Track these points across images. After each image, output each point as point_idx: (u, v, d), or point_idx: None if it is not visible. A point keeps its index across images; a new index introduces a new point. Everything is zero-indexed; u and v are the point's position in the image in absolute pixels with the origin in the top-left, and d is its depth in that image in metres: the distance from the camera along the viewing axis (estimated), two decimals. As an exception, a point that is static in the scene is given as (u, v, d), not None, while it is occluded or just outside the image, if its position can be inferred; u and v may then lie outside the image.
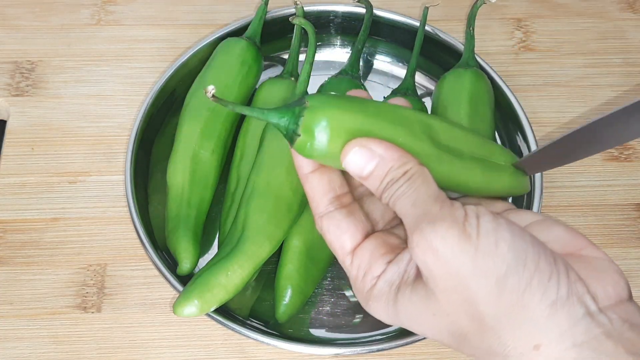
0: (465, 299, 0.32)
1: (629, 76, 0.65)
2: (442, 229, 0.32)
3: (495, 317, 0.32)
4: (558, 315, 0.32)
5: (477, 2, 0.61)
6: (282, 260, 0.51)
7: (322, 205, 0.37)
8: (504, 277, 0.32)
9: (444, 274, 0.32)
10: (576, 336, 0.31)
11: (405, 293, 0.35)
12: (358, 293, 0.37)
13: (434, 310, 0.33)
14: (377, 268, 0.36)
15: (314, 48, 0.54)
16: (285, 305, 0.50)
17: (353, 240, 0.37)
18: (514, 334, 0.32)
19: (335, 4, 0.63)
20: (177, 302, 0.46)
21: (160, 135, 0.59)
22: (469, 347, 0.33)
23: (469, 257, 0.32)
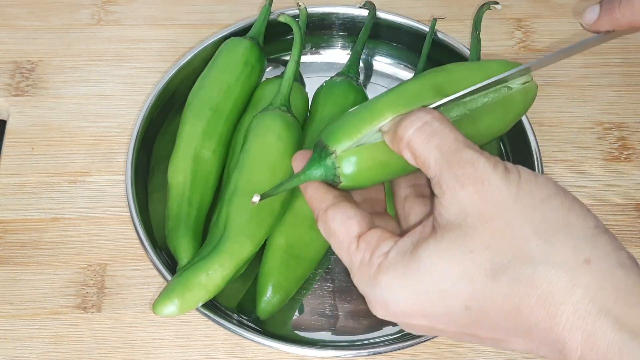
0: (511, 222, 0.32)
1: (629, 76, 0.65)
2: (492, 162, 0.33)
3: (541, 235, 0.32)
4: (602, 237, 0.32)
5: (483, 7, 0.61)
6: (265, 258, 0.51)
7: (326, 199, 0.37)
8: (548, 197, 0.33)
9: (490, 204, 0.32)
10: (621, 258, 0.32)
11: (429, 244, 0.33)
12: (362, 277, 0.35)
13: (471, 246, 0.32)
14: (386, 245, 0.35)
15: (299, 46, 0.54)
16: (265, 302, 0.50)
17: (359, 227, 0.36)
18: (563, 250, 0.32)
19: (338, 6, 0.63)
20: (157, 301, 0.46)
21: (162, 134, 0.59)
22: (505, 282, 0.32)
23: (514, 184, 0.33)
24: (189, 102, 0.56)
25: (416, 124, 0.35)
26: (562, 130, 0.62)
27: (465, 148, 0.33)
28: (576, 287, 0.31)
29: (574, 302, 0.31)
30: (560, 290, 0.31)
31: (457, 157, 0.33)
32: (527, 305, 0.32)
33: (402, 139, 0.35)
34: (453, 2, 0.68)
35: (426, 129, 0.34)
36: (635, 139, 0.62)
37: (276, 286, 0.50)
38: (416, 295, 0.33)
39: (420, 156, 0.34)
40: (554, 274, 0.31)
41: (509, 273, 0.32)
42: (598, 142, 0.62)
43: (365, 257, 0.35)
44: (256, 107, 0.57)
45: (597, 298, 0.31)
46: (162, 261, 0.50)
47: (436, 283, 0.32)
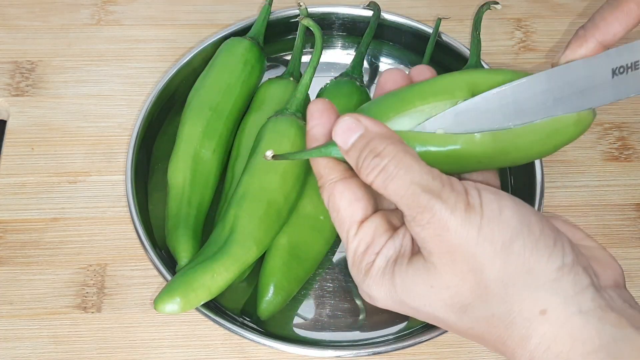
0: (471, 268, 0.32)
1: (629, 76, 0.65)
2: (451, 204, 0.32)
3: (501, 282, 0.32)
4: (564, 280, 0.32)
5: (483, 7, 0.61)
6: (267, 257, 0.51)
7: (337, 171, 0.37)
8: (510, 241, 0.32)
9: (450, 247, 0.32)
10: (582, 303, 0.32)
11: (402, 266, 0.34)
12: (354, 267, 0.36)
13: (432, 282, 0.33)
14: (378, 243, 0.35)
15: (319, 52, 0.54)
16: (267, 302, 0.50)
17: (364, 211, 0.36)
18: (520, 299, 0.32)
19: (339, 6, 0.63)
20: (159, 297, 0.46)
21: (162, 134, 0.59)
22: (468, 319, 0.33)
23: (475, 227, 0.32)
24: (188, 102, 0.56)
25: (375, 172, 0.34)
26: (562, 130, 0.62)
27: (421, 193, 0.32)
28: (531, 337, 0.32)
29: (529, 350, 0.32)
30: (517, 336, 0.32)
31: (414, 203, 0.33)
32: (489, 339, 0.33)
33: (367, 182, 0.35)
34: (453, 2, 0.68)
35: (382, 176, 0.34)
36: (635, 139, 0.62)
37: (278, 286, 0.50)
38: (395, 303, 0.35)
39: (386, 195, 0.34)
40: (511, 321, 0.32)
41: (468, 312, 0.33)
42: (598, 142, 0.62)
43: (360, 248, 0.36)
44: (261, 107, 0.57)
45: (552, 348, 0.32)
46: (162, 261, 0.50)
47: (407, 300, 0.35)
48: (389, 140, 0.34)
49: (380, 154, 0.34)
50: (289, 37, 0.63)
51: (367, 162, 0.34)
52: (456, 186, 0.33)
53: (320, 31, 0.53)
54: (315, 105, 0.38)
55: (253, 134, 0.54)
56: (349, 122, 0.35)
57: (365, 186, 0.36)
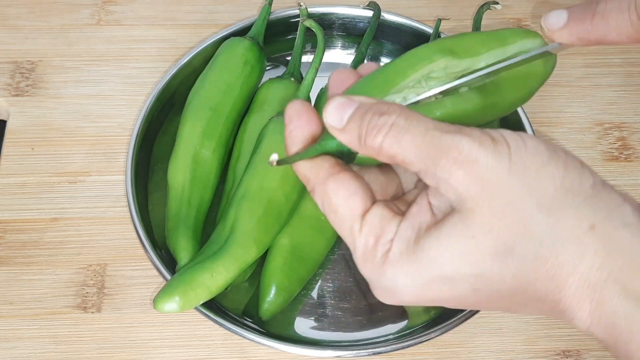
0: (510, 201, 0.31)
1: (629, 76, 0.65)
2: (477, 136, 0.31)
3: (543, 208, 0.31)
4: (602, 196, 0.31)
5: (483, 7, 0.61)
6: (268, 258, 0.51)
7: (323, 170, 0.34)
8: (542, 165, 0.31)
9: (485, 182, 0.31)
10: (625, 216, 0.31)
11: (431, 234, 0.32)
12: (367, 264, 0.33)
13: (473, 231, 0.31)
14: (389, 231, 0.33)
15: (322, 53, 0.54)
16: (268, 302, 0.50)
17: (363, 204, 0.34)
18: (566, 220, 0.31)
19: (339, 6, 0.63)
20: (159, 296, 0.46)
21: (162, 134, 0.59)
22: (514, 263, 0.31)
23: (506, 156, 0.31)
24: (188, 102, 0.56)
25: (383, 131, 0.32)
26: (562, 130, 0.62)
27: (442, 134, 0.31)
28: (583, 256, 0.31)
29: (581, 272, 0.31)
30: (567, 262, 0.31)
31: (437, 147, 0.31)
32: (536, 280, 0.31)
33: (374, 148, 0.33)
34: (453, 2, 0.68)
35: (394, 131, 0.32)
36: (635, 139, 0.62)
37: (279, 287, 0.50)
38: (423, 285, 0.32)
39: (398, 158, 0.32)
40: (561, 245, 0.31)
41: (514, 253, 0.31)
42: (598, 142, 0.62)
43: (369, 242, 0.33)
44: (262, 108, 0.57)
45: (605, 264, 0.30)
46: (162, 261, 0.50)
47: (443, 272, 0.32)
48: (390, 103, 0.33)
49: (387, 112, 0.32)
50: (289, 37, 0.63)
51: (373, 124, 0.32)
52: (474, 128, 0.32)
53: (322, 32, 0.53)
54: (292, 107, 0.36)
55: (254, 135, 0.54)
56: (339, 100, 0.33)
57: (357, 179, 0.34)
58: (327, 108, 0.34)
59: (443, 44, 0.39)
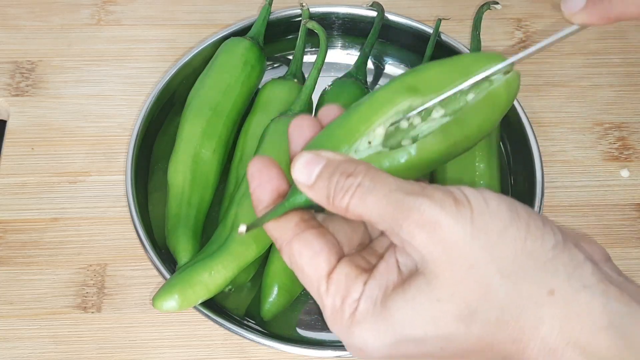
0: (471, 265, 0.31)
1: (629, 76, 0.65)
2: (439, 200, 0.31)
3: (504, 273, 0.31)
4: (562, 257, 0.31)
5: (483, 7, 0.61)
6: (271, 259, 0.51)
7: (287, 230, 0.35)
8: (504, 229, 0.31)
9: (447, 246, 0.31)
10: (584, 278, 0.31)
11: (398, 295, 0.32)
12: (336, 324, 0.33)
13: (437, 295, 0.32)
14: (355, 290, 0.33)
15: (324, 54, 0.54)
16: (270, 303, 0.50)
17: (328, 263, 0.33)
18: (527, 284, 0.31)
19: (339, 6, 0.63)
20: (157, 295, 0.46)
21: (162, 134, 0.59)
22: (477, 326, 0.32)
23: (468, 220, 0.31)
24: (188, 102, 0.56)
25: (350, 192, 0.32)
26: (562, 130, 0.62)
27: (404, 196, 0.31)
28: (542, 322, 0.31)
29: (541, 336, 0.31)
30: (527, 327, 0.31)
31: (399, 209, 0.31)
32: (499, 342, 0.32)
33: (342, 208, 0.33)
34: (453, 2, 0.68)
35: (359, 192, 0.32)
36: (635, 139, 0.62)
37: (282, 287, 0.50)
38: (392, 345, 0.33)
39: (364, 218, 0.33)
40: (520, 311, 0.31)
41: (477, 317, 0.32)
42: (598, 142, 0.62)
43: (336, 303, 0.33)
44: (264, 109, 0.57)
45: (564, 329, 0.31)
46: (162, 261, 0.50)
47: (410, 333, 0.32)
48: (356, 161, 0.33)
49: (353, 174, 0.33)
50: (289, 37, 0.63)
51: (340, 185, 0.32)
52: (438, 187, 0.32)
53: (324, 34, 0.53)
54: (253, 165, 0.36)
55: (257, 135, 0.54)
56: (307, 156, 0.34)
57: (322, 236, 0.34)
58: (295, 165, 0.34)
59: (405, 82, 0.38)
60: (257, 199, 0.36)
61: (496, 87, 0.39)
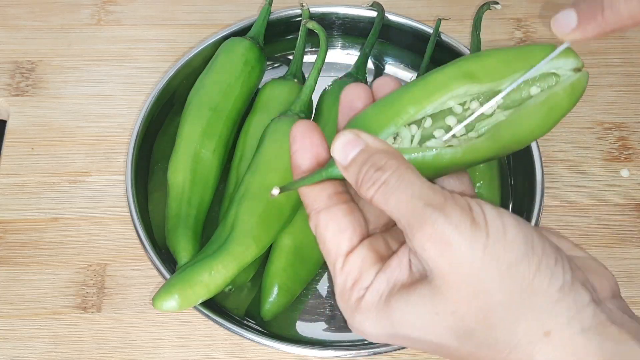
0: (476, 290, 0.31)
1: (629, 76, 0.65)
2: (455, 219, 0.31)
3: (506, 305, 0.31)
4: (566, 300, 0.31)
5: (483, 7, 0.61)
6: (271, 258, 0.51)
7: (320, 199, 0.35)
8: (516, 262, 0.31)
9: (455, 266, 0.31)
10: (584, 321, 0.31)
11: (401, 297, 0.33)
12: (342, 302, 0.35)
13: (438, 309, 0.32)
14: (366, 278, 0.34)
15: (324, 54, 0.54)
16: (270, 303, 0.50)
17: (350, 243, 0.34)
18: (525, 321, 0.31)
19: (339, 6, 0.63)
20: (157, 294, 0.46)
21: (162, 134, 0.59)
22: (471, 345, 0.33)
23: (481, 245, 0.31)
24: (188, 102, 0.56)
25: (375, 186, 0.33)
26: (562, 130, 0.62)
27: (423, 207, 0.31)
28: (534, 359, 0.32)
29: None
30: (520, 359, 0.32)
31: (416, 218, 0.31)
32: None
33: (367, 198, 0.34)
34: (453, 2, 0.68)
35: (383, 189, 0.33)
36: (635, 139, 0.62)
37: (282, 287, 0.50)
38: (388, 336, 0.34)
39: (386, 213, 0.33)
40: (515, 345, 0.32)
41: (473, 338, 0.32)
42: (598, 142, 0.62)
43: (347, 283, 0.34)
44: (264, 109, 0.57)
45: None
46: (162, 261, 0.50)
47: (406, 332, 0.33)
48: (391, 155, 0.33)
49: (382, 168, 0.33)
50: (289, 37, 0.63)
51: (369, 176, 0.33)
52: (459, 201, 0.32)
53: (325, 34, 0.53)
54: (297, 128, 0.36)
55: (257, 135, 0.54)
56: (348, 137, 0.34)
57: (350, 214, 0.35)
58: (335, 143, 0.34)
59: (462, 68, 0.36)
60: (296, 163, 0.37)
61: (559, 89, 0.37)
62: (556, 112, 0.37)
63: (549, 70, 0.37)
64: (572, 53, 0.37)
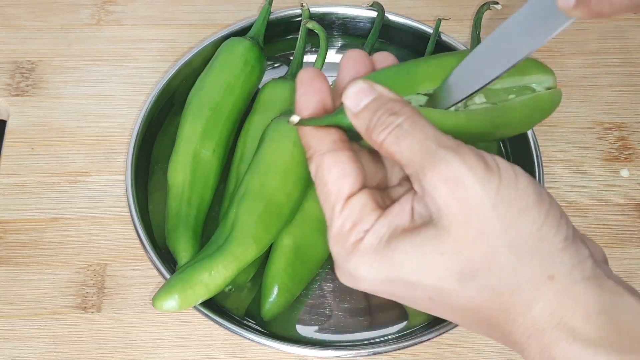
0: (484, 230, 0.32)
1: (629, 76, 0.65)
2: (470, 160, 0.32)
3: (513, 248, 0.32)
4: (570, 250, 0.32)
5: (483, 7, 0.61)
6: (271, 258, 0.51)
7: (325, 142, 0.35)
8: (526, 208, 0.32)
9: (466, 206, 0.31)
10: (585, 271, 0.32)
11: (405, 238, 0.33)
12: (337, 245, 0.34)
13: (443, 248, 0.32)
14: (366, 221, 0.34)
15: (324, 54, 0.54)
16: (271, 303, 0.50)
17: (352, 187, 0.34)
18: (531, 265, 0.32)
19: (339, 6, 0.63)
20: (157, 294, 0.46)
21: (162, 134, 0.59)
22: (472, 287, 0.33)
23: (494, 188, 0.31)
24: (188, 102, 0.56)
25: (388, 129, 0.33)
26: (562, 130, 0.62)
27: (437, 147, 0.32)
28: (536, 302, 0.32)
29: (532, 315, 0.32)
30: (520, 302, 0.32)
31: (429, 158, 0.32)
32: (489, 308, 0.33)
33: (377, 143, 0.34)
34: (453, 2, 0.68)
35: (396, 132, 0.33)
36: (635, 139, 0.62)
37: (282, 287, 0.50)
38: (384, 280, 0.34)
39: (395, 157, 0.33)
40: (518, 287, 0.32)
41: (475, 279, 0.32)
42: (598, 142, 0.62)
43: (346, 225, 0.34)
44: (264, 108, 0.57)
45: (556, 312, 0.32)
46: (162, 261, 0.50)
47: (405, 276, 0.33)
48: (404, 103, 0.34)
49: (397, 113, 0.33)
50: (289, 37, 0.63)
51: (382, 120, 0.33)
52: (472, 148, 0.33)
53: (325, 34, 0.53)
54: (305, 73, 0.37)
55: (257, 136, 0.54)
56: (362, 85, 0.35)
57: (354, 160, 0.35)
58: (347, 90, 0.35)
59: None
60: (302, 106, 0.37)
61: (542, 93, 0.41)
62: (540, 111, 0.41)
63: (527, 84, 0.40)
64: (551, 73, 0.41)
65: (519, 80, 0.40)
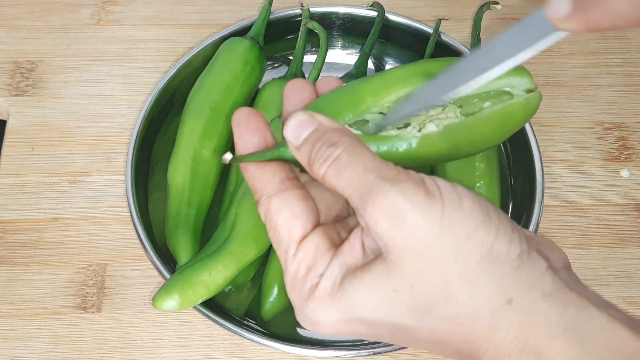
0: (433, 262, 0.31)
1: (629, 76, 0.65)
2: (408, 190, 0.30)
3: (465, 275, 0.31)
4: (526, 267, 0.31)
5: (483, 7, 0.61)
6: (271, 258, 0.51)
7: (272, 183, 0.34)
8: (474, 231, 0.31)
9: (410, 238, 0.30)
10: (545, 287, 0.31)
11: (355, 277, 0.32)
12: (294, 291, 0.33)
13: (395, 285, 0.31)
14: (320, 265, 0.33)
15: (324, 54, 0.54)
16: (270, 303, 0.50)
17: (303, 229, 0.33)
18: (486, 292, 0.31)
19: (339, 6, 0.62)
20: (157, 294, 0.46)
21: (162, 134, 0.59)
22: (431, 321, 0.32)
23: (437, 216, 0.30)
24: (188, 102, 0.56)
25: (327, 162, 0.32)
26: (562, 130, 0.62)
27: (376, 179, 0.31)
28: (498, 329, 0.31)
29: (495, 342, 0.31)
30: (483, 330, 0.31)
31: (368, 191, 0.31)
32: (452, 339, 0.32)
33: (319, 176, 0.33)
34: (453, 2, 0.68)
35: (335, 166, 0.32)
36: (635, 139, 0.62)
37: (281, 287, 0.50)
38: (343, 322, 0.33)
39: (337, 191, 0.32)
40: (477, 316, 0.31)
41: (432, 313, 0.31)
42: (598, 142, 0.62)
43: (300, 270, 0.33)
44: (264, 108, 0.57)
45: (519, 337, 0.31)
46: (162, 261, 0.50)
47: (362, 315, 0.32)
48: (344, 132, 0.33)
49: (335, 144, 0.32)
50: (289, 37, 0.63)
51: (321, 152, 0.32)
52: (412, 175, 0.32)
53: (325, 34, 0.53)
54: (238, 114, 0.36)
55: None
56: (302, 117, 0.33)
57: (303, 200, 0.34)
58: (288, 123, 0.34)
59: (423, 67, 0.37)
60: (242, 147, 0.36)
61: (514, 102, 0.38)
62: (510, 122, 0.39)
63: (503, 88, 0.38)
64: (527, 74, 0.39)
65: (492, 85, 0.38)
